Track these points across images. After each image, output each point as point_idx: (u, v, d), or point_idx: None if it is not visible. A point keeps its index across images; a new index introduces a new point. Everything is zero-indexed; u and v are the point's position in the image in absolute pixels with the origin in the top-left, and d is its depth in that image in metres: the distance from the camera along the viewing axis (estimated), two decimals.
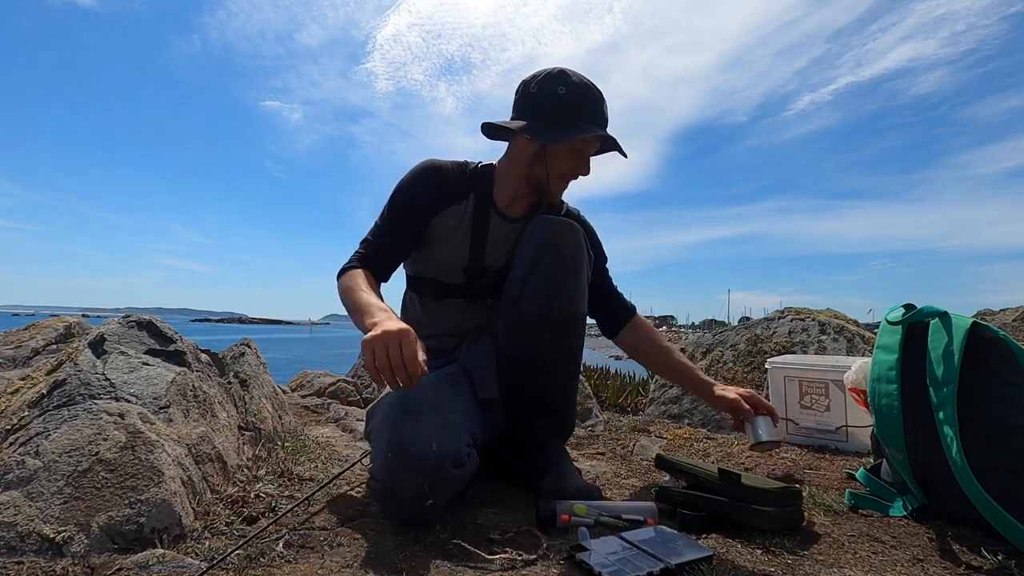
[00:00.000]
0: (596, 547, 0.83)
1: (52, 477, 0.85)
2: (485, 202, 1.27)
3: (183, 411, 1.09)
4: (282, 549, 0.84)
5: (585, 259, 1.19)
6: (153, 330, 1.24)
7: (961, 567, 0.85)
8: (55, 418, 0.94)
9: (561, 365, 1.21)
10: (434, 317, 1.31)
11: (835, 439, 1.58)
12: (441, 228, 1.25)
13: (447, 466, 0.92)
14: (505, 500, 1.12)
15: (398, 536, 0.91)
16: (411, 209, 1.24)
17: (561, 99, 1.16)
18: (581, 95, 1.18)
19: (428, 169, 1.26)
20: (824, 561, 0.85)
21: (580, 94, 1.18)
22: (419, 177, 1.25)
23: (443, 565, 0.81)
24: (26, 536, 0.78)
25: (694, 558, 0.80)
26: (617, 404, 2.65)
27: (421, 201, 1.24)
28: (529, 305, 1.16)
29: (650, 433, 1.85)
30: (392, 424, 0.96)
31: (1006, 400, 0.96)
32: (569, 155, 1.21)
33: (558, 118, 1.16)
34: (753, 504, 0.94)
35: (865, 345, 1.99)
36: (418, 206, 1.24)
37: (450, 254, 1.26)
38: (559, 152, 1.21)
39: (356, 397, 2.34)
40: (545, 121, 1.17)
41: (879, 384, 1.11)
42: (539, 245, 1.16)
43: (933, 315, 1.07)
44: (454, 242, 1.26)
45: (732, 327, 2.41)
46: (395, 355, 0.87)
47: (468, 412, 1.07)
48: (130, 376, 1.07)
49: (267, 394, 1.51)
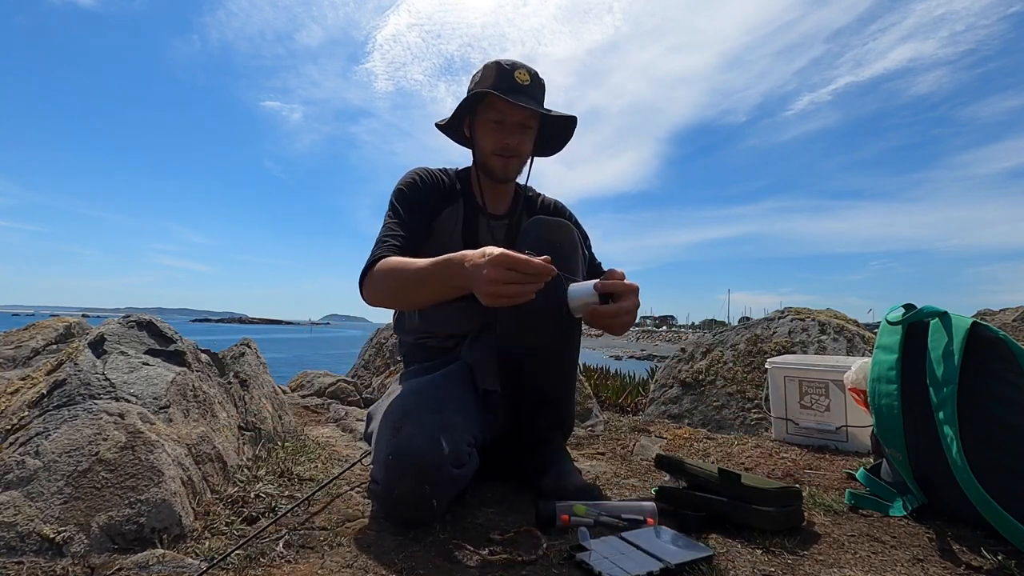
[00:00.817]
0: (596, 547, 0.83)
1: (52, 477, 0.85)
2: (471, 204, 1.32)
3: (183, 411, 1.09)
4: (282, 549, 0.85)
5: (580, 256, 1.20)
6: (153, 330, 1.24)
7: (961, 567, 0.85)
8: (55, 418, 0.94)
9: (559, 361, 1.21)
10: (433, 320, 1.32)
11: (835, 439, 1.58)
12: (439, 230, 1.29)
13: (448, 466, 0.92)
14: (505, 500, 1.12)
15: (398, 536, 0.91)
16: (420, 203, 1.27)
17: (474, 83, 1.27)
18: (487, 71, 1.26)
19: (423, 173, 1.30)
20: (824, 561, 0.85)
21: (486, 71, 1.26)
22: (419, 178, 1.29)
23: (443, 565, 0.81)
24: (26, 536, 0.78)
25: (694, 558, 0.80)
26: (617, 404, 2.65)
27: (425, 198, 1.27)
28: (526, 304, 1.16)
29: (650, 433, 1.85)
30: (392, 425, 0.97)
31: (1006, 400, 0.96)
32: (489, 128, 1.27)
33: (471, 100, 1.26)
34: (753, 504, 0.94)
35: (865, 345, 1.99)
36: (424, 202, 1.27)
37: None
38: (481, 129, 1.28)
39: (356, 397, 2.34)
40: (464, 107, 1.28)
41: (879, 384, 1.11)
42: (535, 244, 1.16)
43: (933, 315, 1.06)
44: (449, 244, 1.28)
45: (732, 327, 2.41)
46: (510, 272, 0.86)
47: (468, 412, 1.07)
48: (130, 376, 1.07)
49: (267, 394, 1.51)
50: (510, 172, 1.31)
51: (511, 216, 1.36)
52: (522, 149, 1.29)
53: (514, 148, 1.27)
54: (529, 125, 1.28)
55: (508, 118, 1.25)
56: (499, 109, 1.24)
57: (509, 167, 1.29)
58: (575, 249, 1.19)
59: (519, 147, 1.28)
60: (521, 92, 1.23)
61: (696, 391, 2.17)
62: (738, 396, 2.05)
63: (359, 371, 2.95)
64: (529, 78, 1.26)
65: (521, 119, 1.26)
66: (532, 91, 1.26)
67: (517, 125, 1.26)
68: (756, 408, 1.96)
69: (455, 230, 1.30)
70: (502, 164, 1.28)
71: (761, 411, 1.93)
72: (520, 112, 1.25)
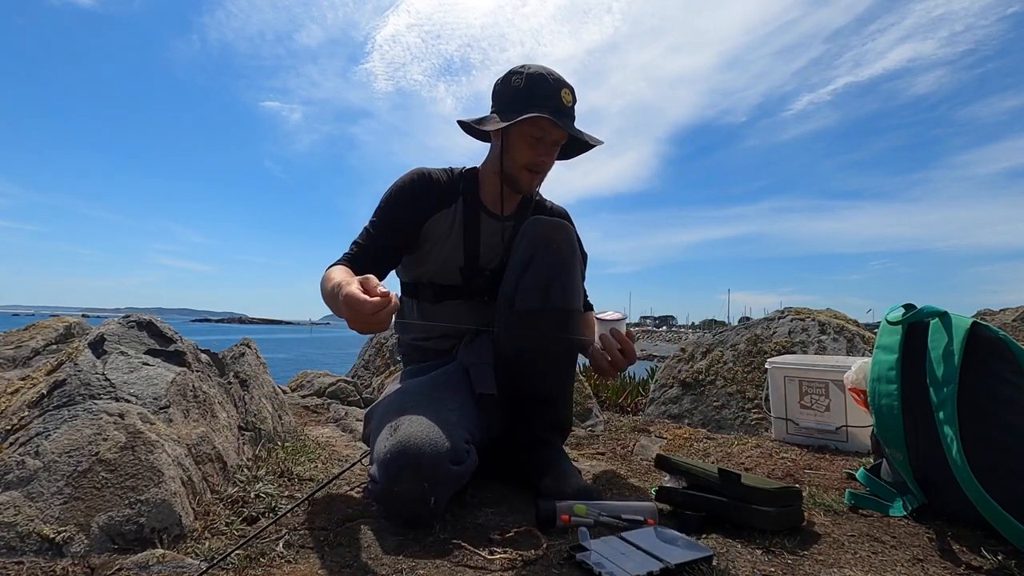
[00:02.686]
0: (596, 547, 0.83)
1: (52, 477, 0.85)
2: (474, 203, 1.32)
3: (183, 411, 1.09)
4: (282, 549, 0.84)
5: (578, 257, 1.21)
6: (153, 330, 1.24)
7: (961, 567, 0.85)
8: (55, 418, 0.94)
9: (556, 360, 1.21)
10: (431, 320, 1.32)
11: (835, 439, 1.58)
12: (434, 232, 1.29)
13: (446, 463, 0.92)
14: (505, 500, 1.12)
15: (398, 536, 0.91)
16: (401, 213, 1.26)
17: (516, 90, 1.23)
18: (534, 83, 1.22)
19: (417, 175, 1.29)
20: (824, 561, 0.85)
21: (533, 83, 1.22)
22: (408, 183, 1.28)
23: (443, 565, 0.81)
24: (26, 536, 0.78)
25: (694, 558, 0.80)
26: (617, 404, 2.65)
27: (411, 205, 1.27)
28: (523, 302, 1.17)
29: (650, 433, 1.85)
30: (390, 425, 0.97)
31: (1006, 400, 0.96)
32: (527, 142, 1.25)
33: (512, 107, 1.21)
34: (753, 504, 0.94)
35: (865, 345, 1.99)
36: (408, 211, 1.27)
37: (445, 256, 1.29)
38: (518, 141, 1.25)
39: (356, 397, 2.34)
40: (502, 112, 1.23)
41: (879, 384, 1.11)
42: (532, 245, 1.17)
43: (933, 315, 1.06)
44: (448, 245, 1.29)
45: (732, 327, 2.41)
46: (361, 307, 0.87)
47: (465, 410, 1.08)
48: (130, 376, 1.07)
49: (267, 394, 1.51)
50: (535, 186, 1.32)
51: (517, 218, 1.35)
52: (550, 165, 1.30)
53: (547, 166, 1.28)
54: (562, 143, 1.29)
55: (548, 136, 1.24)
56: (542, 127, 1.23)
57: (535, 182, 1.30)
58: (573, 249, 1.19)
59: (550, 163, 1.29)
60: (566, 115, 1.23)
61: (696, 391, 2.17)
62: (738, 396, 2.05)
63: (359, 371, 2.95)
64: (572, 99, 1.26)
65: (559, 138, 1.26)
66: (573, 111, 1.27)
67: (554, 144, 1.26)
68: (756, 408, 1.96)
69: (453, 232, 1.29)
70: (530, 179, 1.28)
71: (761, 411, 1.93)
72: (562, 134, 1.25)
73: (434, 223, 1.28)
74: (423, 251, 1.30)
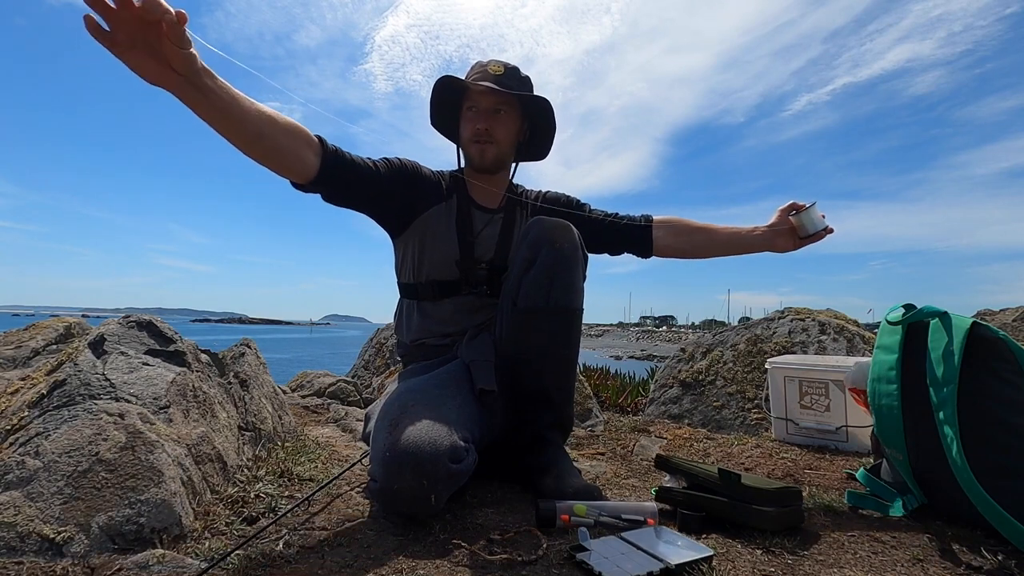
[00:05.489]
0: (596, 547, 0.83)
1: (52, 477, 0.85)
2: (465, 199, 1.36)
3: (183, 411, 1.09)
4: (282, 549, 0.84)
5: (580, 256, 1.21)
6: (153, 330, 1.24)
7: (961, 567, 0.85)
8: (55, 418, 0.94)
9: (558, 358, 1.21)
10: (433, 319, 1.33)
11: (835, 439, 1.58)
12: (431, 227, 1.31)
13: (445, 461, 0.92)
14: (505, 500, 1.12)
15: (398, 536, 0.91)
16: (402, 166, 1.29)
17: (449, 80, 1.32)
18: (461, 73, 1.34)
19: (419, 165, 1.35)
20: (824, 561, 0.85)
21: (459, 73, 1.33)
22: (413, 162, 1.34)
23: (443, 565, 0.81)
24: (26, 536, 0.78)
25: (694, 558, 0.80)
26: (617, 404, 2.65)
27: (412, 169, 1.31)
28: (526, 299, 1.18)
29: (650, 433, 1.85)
30: (389, 424, 0.97)
31: (1006, 400, 0.96)
32: (465, 120, 1.35)
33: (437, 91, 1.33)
34: (753, 504, 0.94)
35: (865, 345, 1.99)
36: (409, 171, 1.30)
37: (443, 251, 1.32)
38: (461, 121, 1.36)
39: (356, 397, 2.34)
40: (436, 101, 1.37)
41: (879, 384, 1.11)
42: (535, 244, 1.17)
43: (933, 315, 1.06)
44: (444, 239, 1.32)
45: (732, 327, 2.41)
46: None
47: (465, 409, 1.08)
48: (130, 376, 1.07)
49: (267, 394, 1.51)
50: (486, 158, 1.33)
51: (505, 210, 1.39)
52: (496, 135, 1.32)
53: (486, 133, 1.31)
54: (502, 110, 1.31)
55: (479, 104, 1.30)
56: (472, 98, 1.31)
57: (485, 153, 1.32)
58: (575, 248, 1.19)
59: (492, 132, 1.31)
60: (492, 81, 1.27)
61: (696, 391, 2.17)
62: (738, 396, 2.05)
63: (359, 371, 2.95)
64: (503, 69, 1.30)
65: (491, 104, 1.30)
66: (505, 81, 1.29)
67: (488, 111, 1.30)
68: (756, 408, 1.96)
69: (448, 227, 1.32)
70: (478, 150, 1.32)
71: (761, 411, 1.93)
72: (489, 97, 1.29)
73: (430, 217, 1.31)
74: (421, 248, 1.32)
